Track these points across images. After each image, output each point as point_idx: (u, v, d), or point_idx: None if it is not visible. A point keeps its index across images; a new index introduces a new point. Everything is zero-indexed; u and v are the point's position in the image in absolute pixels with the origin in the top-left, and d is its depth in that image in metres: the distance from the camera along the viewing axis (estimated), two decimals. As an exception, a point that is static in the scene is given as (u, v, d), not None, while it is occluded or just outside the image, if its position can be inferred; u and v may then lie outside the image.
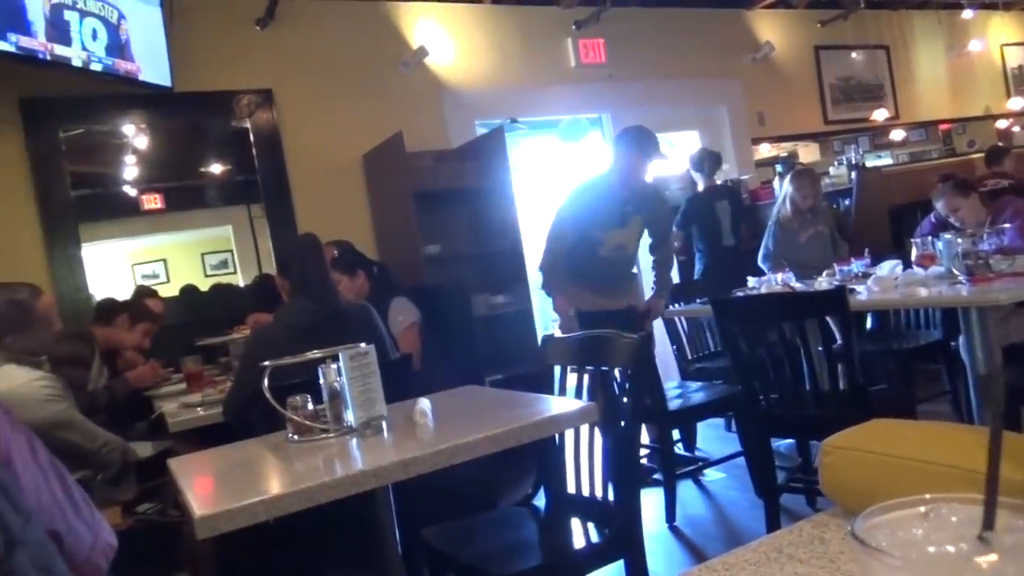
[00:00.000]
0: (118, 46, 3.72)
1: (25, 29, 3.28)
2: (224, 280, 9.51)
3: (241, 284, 10.34)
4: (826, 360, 2.61)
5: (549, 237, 3.67)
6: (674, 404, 3.21)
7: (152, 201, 8.34)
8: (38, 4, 3.34)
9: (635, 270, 4.03)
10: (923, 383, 3.88)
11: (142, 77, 3.86)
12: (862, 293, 2.92)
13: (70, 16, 3.49)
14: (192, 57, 4.14)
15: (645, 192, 3.73)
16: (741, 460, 3.40)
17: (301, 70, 4.52)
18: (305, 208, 4.51)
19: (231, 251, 10.76)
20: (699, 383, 3.53)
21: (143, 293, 3.98)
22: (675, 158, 6.13)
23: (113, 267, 6.12)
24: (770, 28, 6.43)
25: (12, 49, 3.22)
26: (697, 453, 3.99)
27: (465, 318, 3.92)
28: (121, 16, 3.74)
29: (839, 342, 2.81)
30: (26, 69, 3.40)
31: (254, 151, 4.52)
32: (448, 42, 4.99)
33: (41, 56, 3.35)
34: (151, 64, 3.89)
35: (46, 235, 3.95)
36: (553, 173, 5.96)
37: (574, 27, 5.40)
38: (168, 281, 10.21)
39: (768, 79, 6.35)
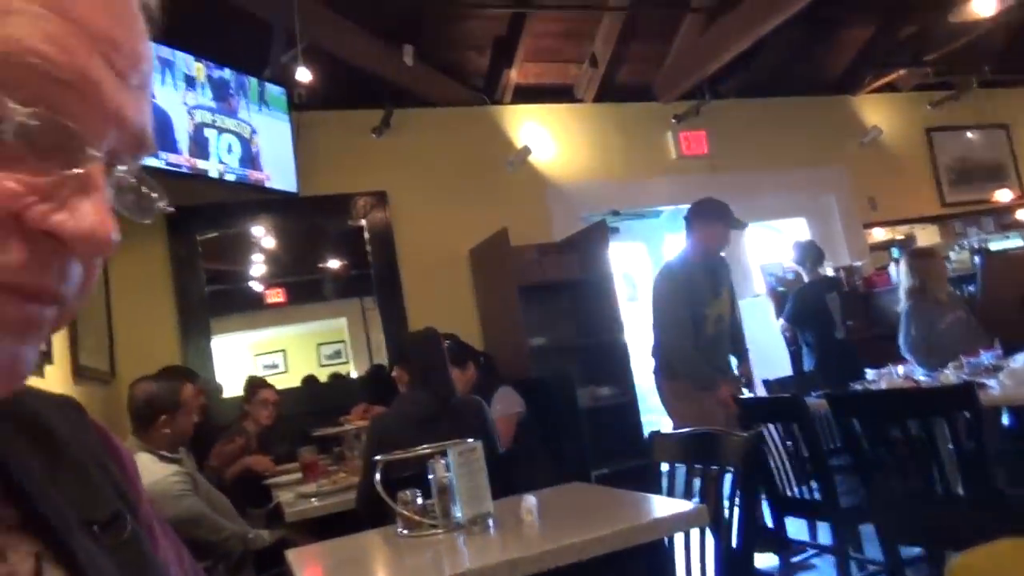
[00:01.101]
0: (250, 158, 4.09)
1: (172, 147, 3.67)
2: (338, 369, 9.88)
3: (354, 373, 10.68)
4: (957, 461, 2.43)
5: (665, 327, 3.46)
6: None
7: (275, 295, 8.90)
8: (184, 125, 3.75)
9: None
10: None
11: (271, 184, 4.20)
12: (994, 387, 2.73)
13: (209, 134, 3.88)
14: (315, 164, 4.49)
15: (723, 263, 3.67)
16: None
17: (413, 172, 4.80)
18: (415, 301, 4.69)
19: (344, 342, 11.20)
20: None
21: (255, 384, 4.19)
22: (781, 246, 6.03)
23: (237, 358, 6.50)
24: (877, 112, 6.33)
25: (162, 165, 3.61)
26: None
27: (571, 410, 3.91)
28: (253, 131, 4.13)
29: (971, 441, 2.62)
30: (170, 182, 3.79)
31: (368, 248, 4.78)
32: (551, 140, 5.19)
33: (185, 170, 3.73)
34: (279, 172, 4.24)
35: (182, 328, 4.28)
36: (656, 265, 5.95)
37: (674, 120, 5.51)
38: (286, 371, 10.69)
39: (878, 163, 6.20)
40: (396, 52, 4.26)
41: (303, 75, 3.65)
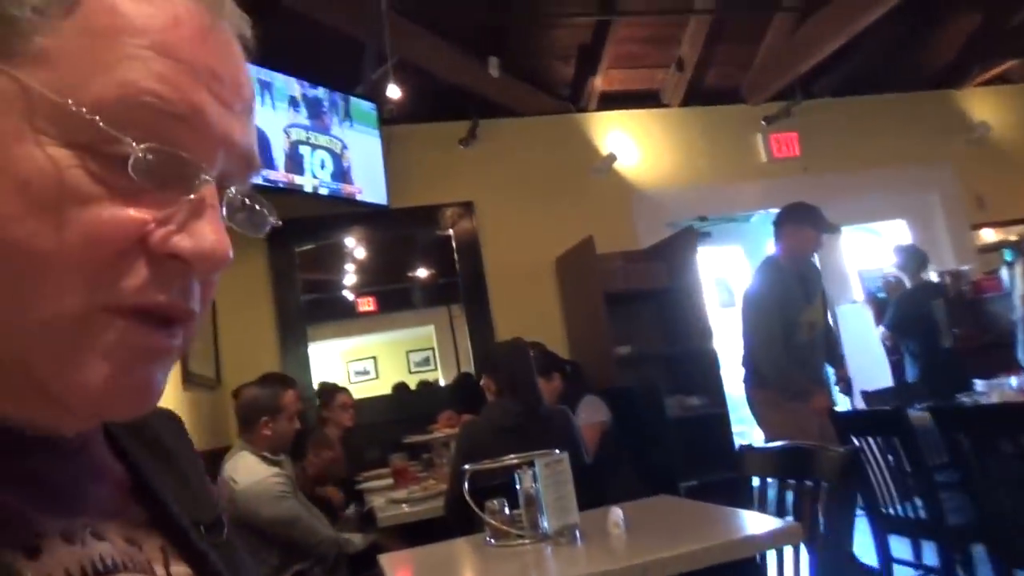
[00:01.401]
0: (342, 172, 4.24)
1: (270, 164, 3.85)
2: (426, 376, 10.09)
3: (441, 380, 10.86)
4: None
5: (757, 335, 3.37)
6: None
7: (366, 304, 9.18)
8: (280, 143, 3.92)
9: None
10: None
11: (362, 197, 4.34)
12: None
13: (304, 150, 4.05)
14: (404, 176, 4.61)
15: (814, 268, 3.59)
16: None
17: (499, 182, 4.85)
18: (501, 309, 4.74)
19: (433, 349, 11.42)
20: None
21: (330, 389, 4.28)
22: (880, 249, 5.77)
23: (330, 364, 6.73)
24: (985, 106, 5.97)
25: (261, 182, 3.79)
26: None
27: (658, 420, 3.86)
28: (344, 147, 4.28)
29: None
30: (268, 197, 3.94)
31: (456, 256, 4.87)
32: (637, 146, 5.15)
33: (281, 185, 3.90)
34: (370, 185, 4.37)
35: (280, 336, 4.47)
36: (748, 270, 5.81)
37: (764, 122, 5.37)
38: (377, 377, 10.99)
39: (986, 160, 5.84)
40: (482, 64, 4.32)
41: (393, 91, 3.76)
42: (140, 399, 0.40)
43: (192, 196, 0.39)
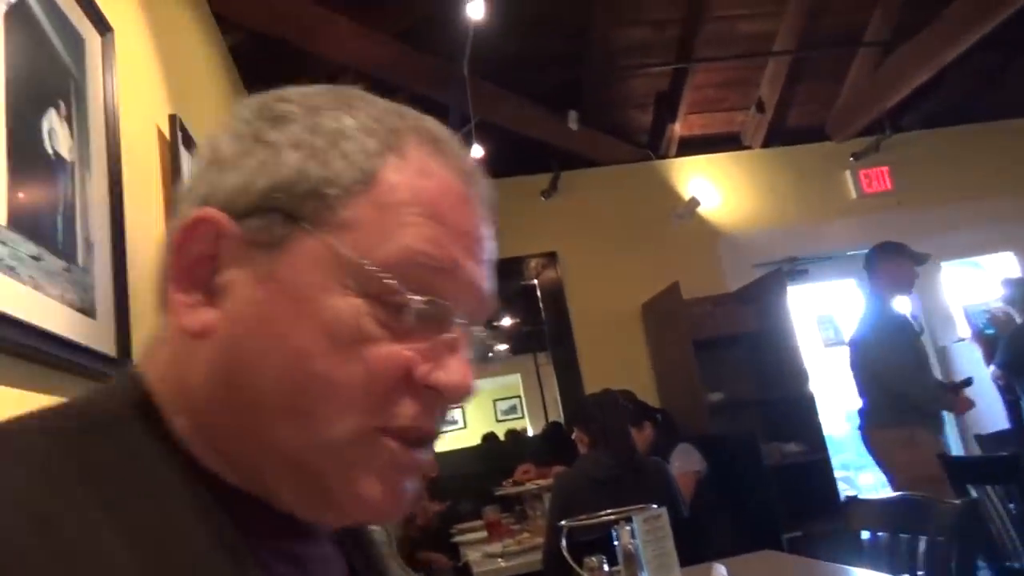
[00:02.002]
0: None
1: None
2: (513, 425, 10.10)
3: (529, 429, 10.85)
4: None
5: (901, 360, 3.32)
6: None
7: (453, 354, 9.33)
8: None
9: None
10: None
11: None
12: None
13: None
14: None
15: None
16: None
17: (582, 231, 4.89)
18: (588, 357, 4.73)
19: (519, 397, 11.46)
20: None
21: None
22: (986, 283, 5.48)
23: (421, 416, 6.78)
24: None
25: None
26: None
27: (756, 468, 3.74)
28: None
29: None
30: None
31: (541, 305, 4.91)
32: (719, 190, 5.11)
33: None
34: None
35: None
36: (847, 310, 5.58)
37: (852, 159, 5.24)
38: (465, 427, 11.08)
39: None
40: (561, 118, 4.41)
41: (477, 151, 3.88)
42: (398, 509, 0.48)
43: (449, 336, 0.48)
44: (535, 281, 4.92)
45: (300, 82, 0.52)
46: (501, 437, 7.98)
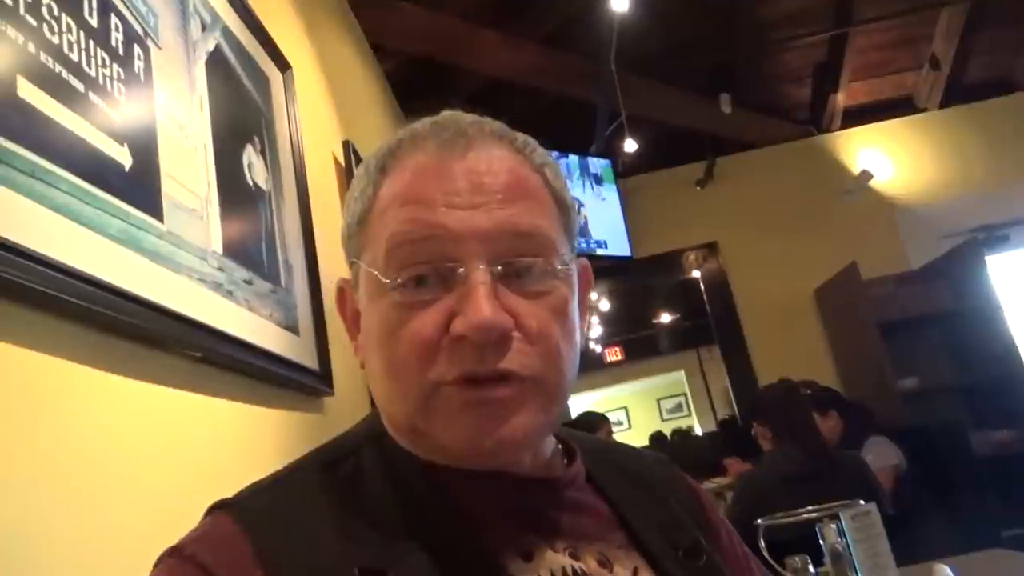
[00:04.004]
0: (582, 231, 4.35)
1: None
2: (680, 423, 9.87)
3: (696, 426, 10.57)
4: None
5: None
6: None
7: (613, 354, 9.27)
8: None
9: None
10: None
11: (606, 252, 4.41)
12: None
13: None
14: (644, 225, 4.62)
15: None
16: None
17: (742, 218, 4.69)
18: (759, 348, 4.51)
19: (684, 394, 11.18)
20: None
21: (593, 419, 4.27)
22: None
23: (587, 418, 6.78)
24: None
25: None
26: None
27: (964, 461, 3.40)
28: (580, 205, 4.39)
29: None
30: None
31: (705, 299, 4.75)
32: (892, 159, 4.72)
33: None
34: (613, 239, 4.44)
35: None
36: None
37: (1051, 110, 4.67)
38: (630, 427, 10.95)
39: None
40: (712, 103, 4.26)
41: (630, 146, 3.82)
42: (496, 442, 0.53)
43: (461, 288, 0.53)
44: (697, 274, 4.77)
45: (452, 98, 0.61)
46: (668, 436, 7.82)
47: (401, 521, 0.54)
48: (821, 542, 1.75)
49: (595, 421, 3.70)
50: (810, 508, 1.84)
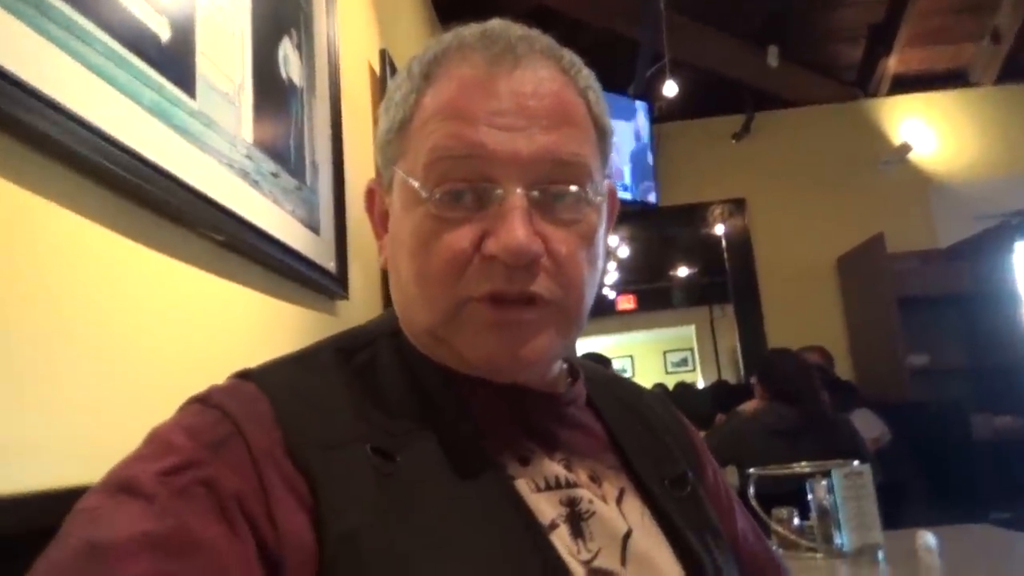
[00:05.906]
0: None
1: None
2: (683, 377, 9.91)
3: (700, 381, 10.60)
4: None
5: None
6: None
7: (626, 302, 9.25)
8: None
9: None
10: None
11: (631, 197, 4.37)
12: None
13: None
14: (674, 174, 4.56)
15: None
16: None
17: (774, 177, 4.61)
18: (774, 311, 4.50)
19: (692, 349, 11.18)
20: None
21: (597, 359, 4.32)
22: None
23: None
24: None
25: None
26: None
27: (962, 442, 3.42)
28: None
29: None
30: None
31: (725, 255, 4.71)
32: (936, 133, 4.60)
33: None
34: (639, 184, 4.39)
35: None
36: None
37: (1105, 98, 4.51)
38: (633, 376, 11.02)
39: None
40: (760, 54, 4.14)
41: (670, 88, 3.73)
42: (515, 359, 0.55)
43: (496, 207, 0.54)
44: (720, 229, 4.73)
45: (491, 17, 0.59)
46: (670, 389, 7.85)
47: (411, 411, 0.56)
48: (810, 497, 1.78)
49: (598, 362, 3.72)
50: (803, 463, 1.87)
